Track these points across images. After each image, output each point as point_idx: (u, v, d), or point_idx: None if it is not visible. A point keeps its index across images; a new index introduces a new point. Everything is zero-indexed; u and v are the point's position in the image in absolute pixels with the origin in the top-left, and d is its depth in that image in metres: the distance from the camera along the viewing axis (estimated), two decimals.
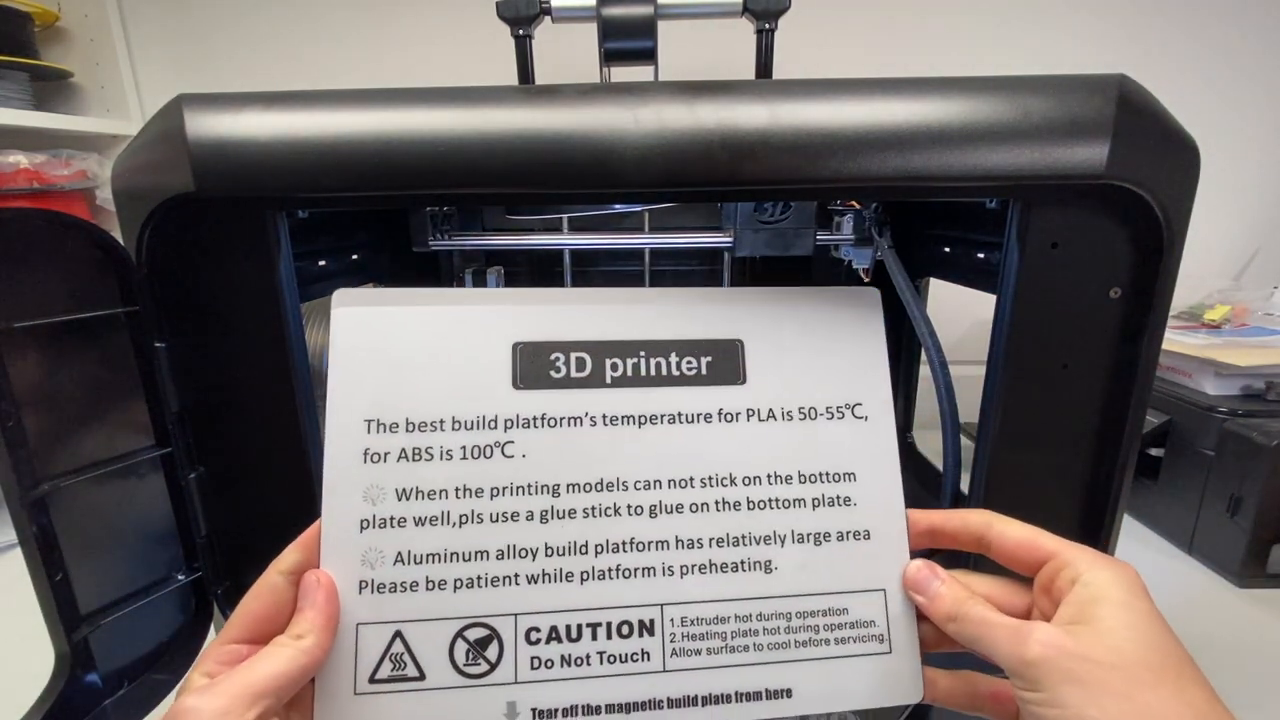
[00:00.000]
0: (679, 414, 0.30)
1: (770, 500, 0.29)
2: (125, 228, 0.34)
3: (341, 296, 0.29)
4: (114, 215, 0.34)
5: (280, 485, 0.38)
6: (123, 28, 0.89)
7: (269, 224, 0.34)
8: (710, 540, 0.29)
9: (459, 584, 0.27)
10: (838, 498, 0.30)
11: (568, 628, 0.27)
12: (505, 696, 0.26)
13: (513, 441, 0.29)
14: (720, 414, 0.30)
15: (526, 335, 0.30)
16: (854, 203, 0.58)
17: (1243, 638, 0.55)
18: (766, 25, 0.52)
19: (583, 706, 0.27)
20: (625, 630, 0.27)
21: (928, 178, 0.32)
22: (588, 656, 0.27)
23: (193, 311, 0.36)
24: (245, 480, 0.38)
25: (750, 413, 0.31)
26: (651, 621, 0.28)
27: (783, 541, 0.29)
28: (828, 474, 0.30)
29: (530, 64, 0.55)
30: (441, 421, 0.28)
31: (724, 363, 0.31)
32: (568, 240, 0.63)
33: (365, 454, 0.28)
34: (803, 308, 0.32)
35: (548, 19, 0.53)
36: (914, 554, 0.29)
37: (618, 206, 0.63)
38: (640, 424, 0.30)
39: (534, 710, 0.26)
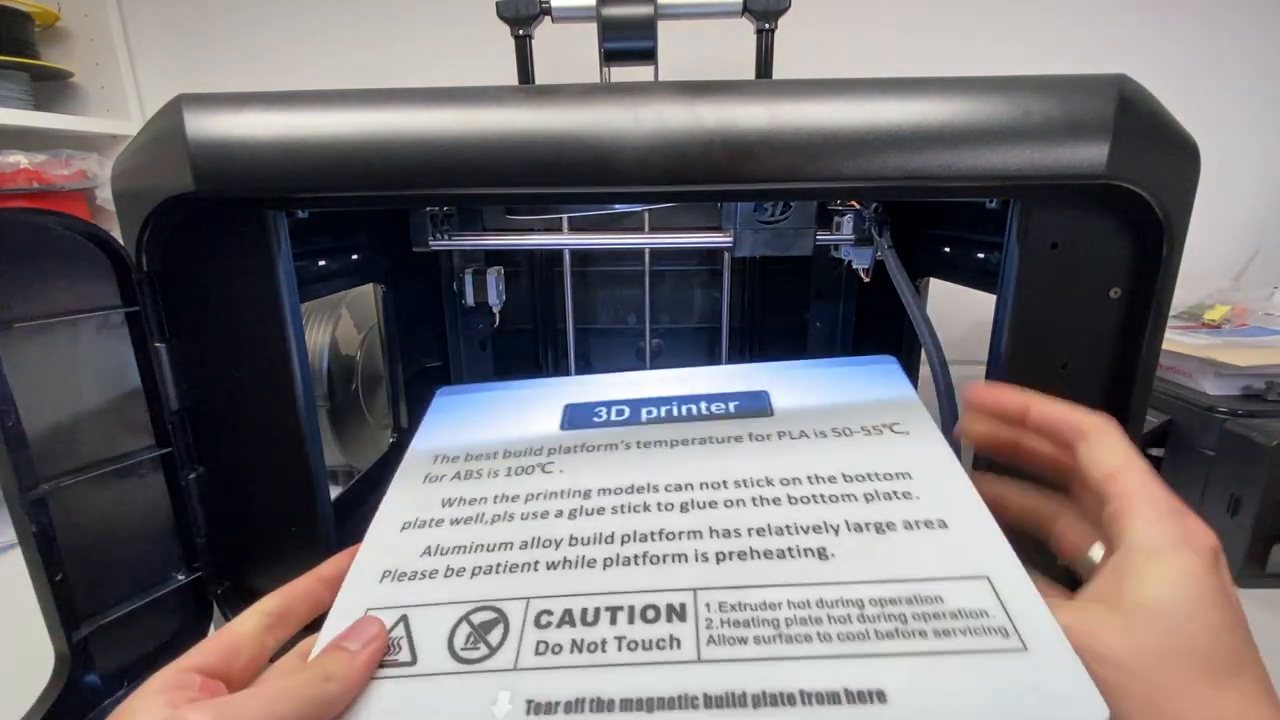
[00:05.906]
0: (710, 437, 0.32)
1: (813, 496, 0.28)
2: (125, 228, 0.34)
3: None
4: (114, 215, 0.34)
5: (280, 485, 0.38)
6: (123, 28, 0.89)
7: (269, 224, 0.34)
8: (749, 529, 0.26)
9: (477, 570, 0.26)
10: (894, 492, 0.27)
11: (584, 610, 0.24)
12: (499, 684, 0.22)
13: (553, 462, 0.32)
14: (750, 436, 0.32)
15: (576, 399, 0.37)
16: (854, 203, 0.58)
17: None
18: (766, 25, 0.52)
19: (591, 701, 0.21)
20: (651, 614, 0.24)
21: (928, 178, 0.32)
22: (603, 642, 0.23)
23: (193, 311, 0.36)
24: (245, 480, 0.38)
25: (781, 434, 0.32)
26: (683, 606, 0.24)
27: (836, 530, 0.26)
28: (876, 473, 0.28)
29: (530, 64, 0.55)
30: (495, 453, 0.33)
31: (751, 404, 0.34)
32: (568, 240, 0.63)
33: (426, 477, 0.32)
34: (823, 372, 0.37)
35: (548, 19, 0.53)
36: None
37: (618, 206, 0.63)
38: (673, 445, 0.32)
39: (529, 702, 0.21)
